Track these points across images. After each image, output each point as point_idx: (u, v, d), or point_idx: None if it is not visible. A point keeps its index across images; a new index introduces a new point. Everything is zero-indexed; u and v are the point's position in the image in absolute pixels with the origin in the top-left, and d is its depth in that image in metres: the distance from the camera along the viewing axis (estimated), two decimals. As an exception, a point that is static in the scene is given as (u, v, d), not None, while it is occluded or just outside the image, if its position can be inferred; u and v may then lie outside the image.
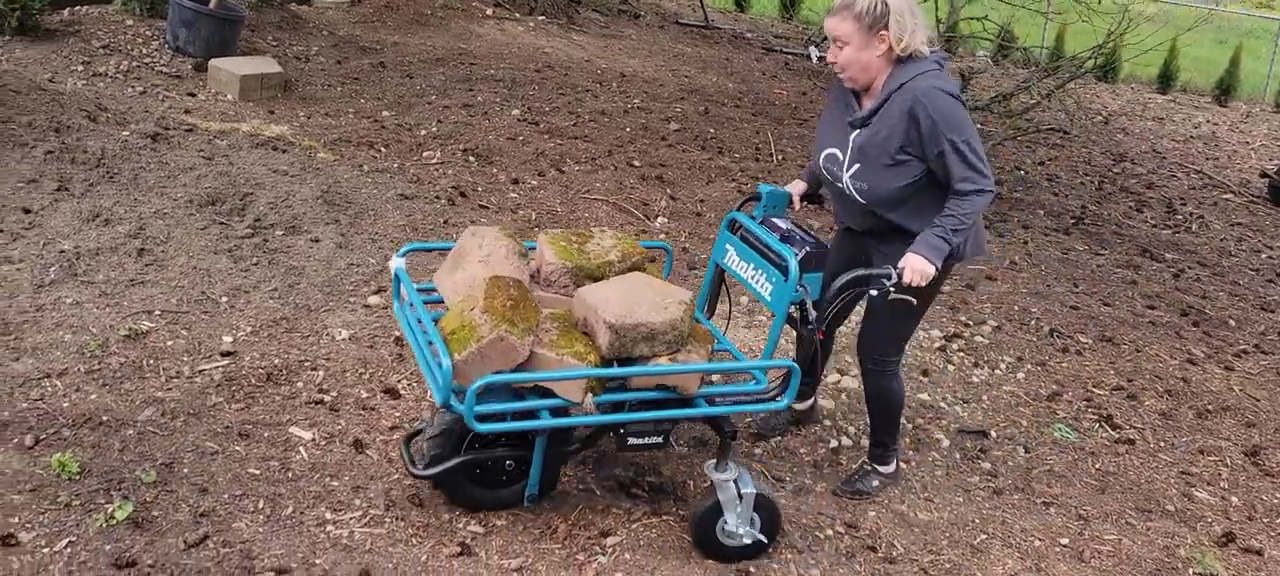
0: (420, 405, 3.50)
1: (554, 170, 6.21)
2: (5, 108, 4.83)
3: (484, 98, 7.40)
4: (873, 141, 2.91)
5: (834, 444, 3.72)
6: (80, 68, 5.92)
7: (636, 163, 6.72)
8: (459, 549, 2.83)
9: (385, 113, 6.67)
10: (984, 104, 7.02)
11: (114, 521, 2.61)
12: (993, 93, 7.90)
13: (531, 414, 2.66)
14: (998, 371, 4.49)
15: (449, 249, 3.03)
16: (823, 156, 3.08)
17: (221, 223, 4.56)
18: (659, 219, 5.80)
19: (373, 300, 4.18)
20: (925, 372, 4.35)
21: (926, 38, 2.90)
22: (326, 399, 3.41)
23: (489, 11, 10.12)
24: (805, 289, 2.82)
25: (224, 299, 3.95)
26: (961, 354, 4.59)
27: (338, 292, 4.18)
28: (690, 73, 9.87)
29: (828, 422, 3.86)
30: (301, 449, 3.12)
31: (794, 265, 2.77)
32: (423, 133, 6.41)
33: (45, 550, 2.51)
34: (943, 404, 4.11)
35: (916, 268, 2.83)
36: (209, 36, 6.61)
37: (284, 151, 5.59)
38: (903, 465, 3.56)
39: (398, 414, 3.42)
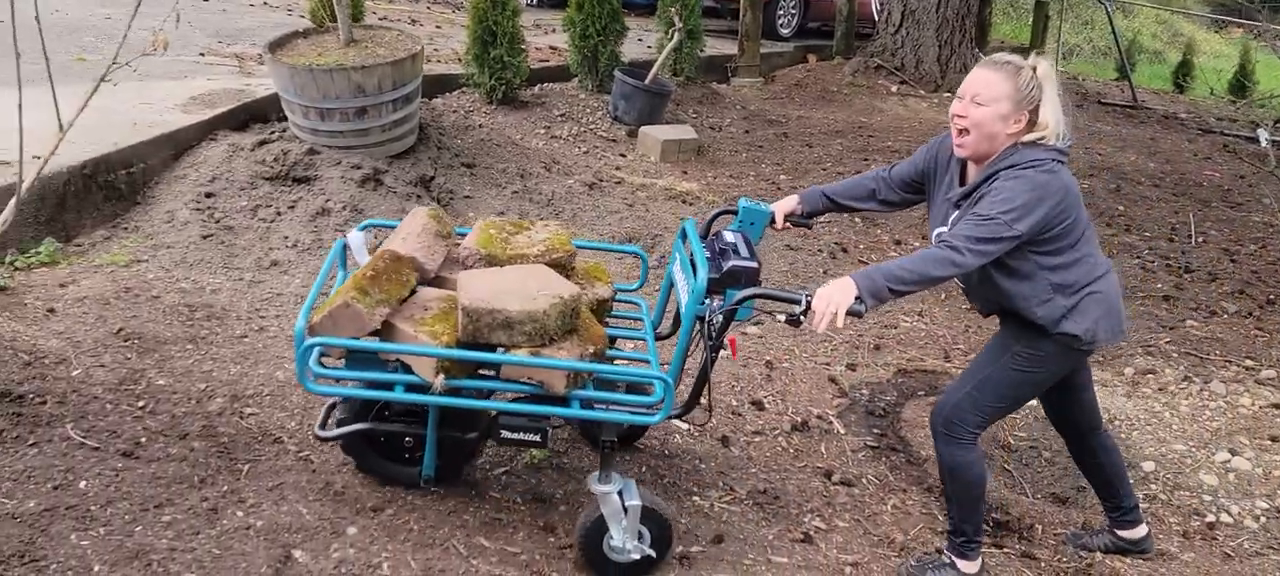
0: (782, 418, 3.90)
1: (939, 235, 6.35)
2: (489, 157, 6.13)
3: (877, 166, 7.72)
4: None
5: (1211, 518, 3.49)
6: (542, 130, 7.24)
7: (1028, 234, 6.62)
8: (802, 537, 3.16)
9: (782, 176, 7.27)
10: None
11: (535, 459, 3.32)
12: None
13: (388, 387, 2.57)
14: None
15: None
16: (934, 236, 2.79)
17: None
18: (1044, 287, 5.69)
19: (751, 330, 4.68)
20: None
21: (1062, 132, 2.60)
22: (702, 401, 3.93)
23: (893, 89, 10.46)
24: (711, 304, 2.59)
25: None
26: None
27: (723, 320, 4.74)
28: (1105, 150, 9.38)
29: (1208, 498, 3.61)
30: (677, 436, 3.65)
31: (702, 278, 2.57)
32: (815, 194, 6.89)
33: (489, 470, 3.26)
34: None
35: (823, 301, 2.42)
36: (642, 108, 7.70)
37: (690, 204, 6.37)
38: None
39: (762, 422, 3.85)
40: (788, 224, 3.09)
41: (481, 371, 2.62)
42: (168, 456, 3.03)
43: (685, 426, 3.69)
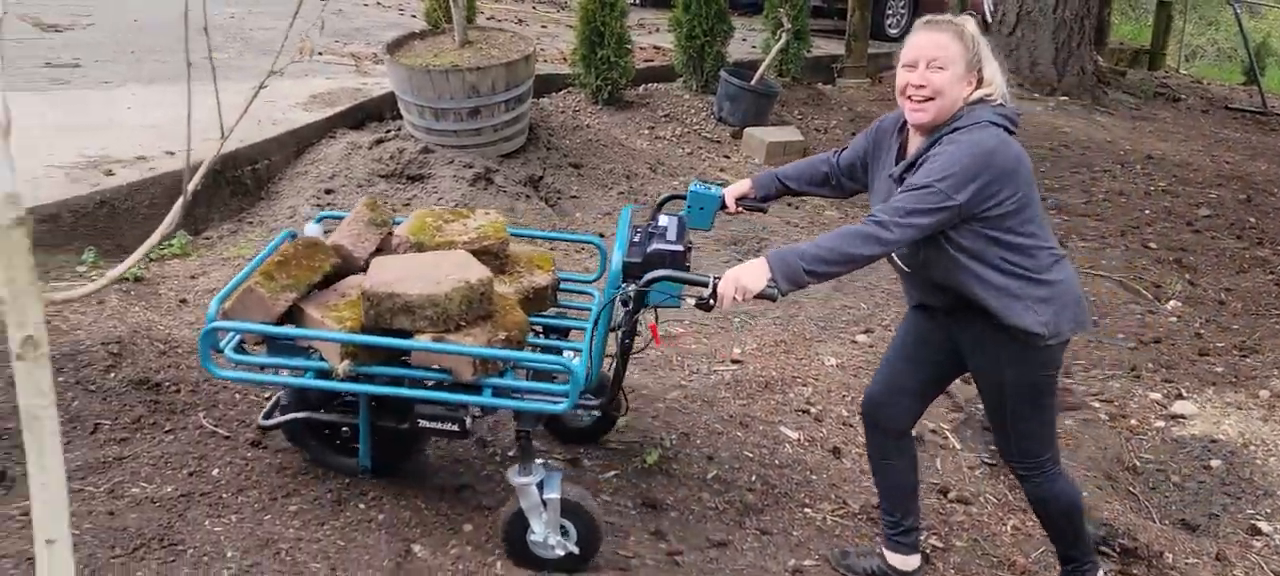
0: (896, 431, 3.80)
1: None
2: (596, 157, 6.17)
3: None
4: None
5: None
6: (646, 131, 7.25)
7: (1153, 245, 6.33)
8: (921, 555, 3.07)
9: (891, 180, 7.11)
10: None
11: (647, 464, 3.31)
12: None
13: (301, 373, 2.59)
14: None
15: None
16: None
17: (739, 258, 5.32)
18: (1171, 302, 5.43)
19: (861, 338, 4.58)
20: None
21: (1005, 91, 2.45)
22: (812, 410, 3.87)
23: (1005, 92, 10.12)
24: (627, 289, 2.49)
25: (737, 320, 4.65)
26: None
27: (831, 327, 4.67)
28: (1234, 159, 8.90)
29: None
30: (788, 445, 3.60)
31: (617, 262, 2.52)
32: (925, 200, 6.72)
33: (599, 475, 3.27)
34: None
35: (729, 284, 2.29)
36: (747, 109, 7.64)
37: (797, 208, 6.29)
38: None
39: (874, 434, 3.76)
40: (740, 208, 2.94)
41: (402, 358, 2.56)
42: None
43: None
